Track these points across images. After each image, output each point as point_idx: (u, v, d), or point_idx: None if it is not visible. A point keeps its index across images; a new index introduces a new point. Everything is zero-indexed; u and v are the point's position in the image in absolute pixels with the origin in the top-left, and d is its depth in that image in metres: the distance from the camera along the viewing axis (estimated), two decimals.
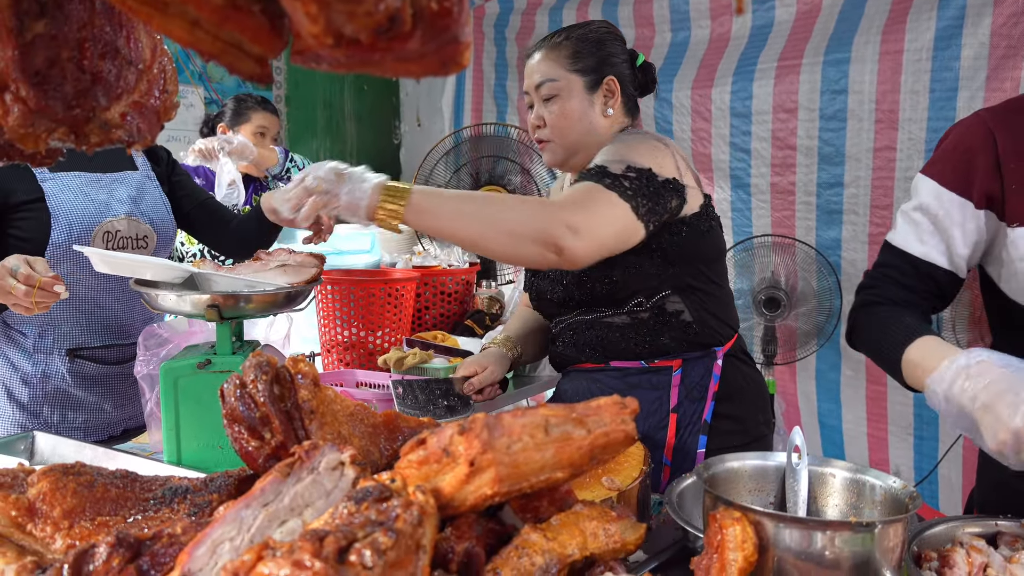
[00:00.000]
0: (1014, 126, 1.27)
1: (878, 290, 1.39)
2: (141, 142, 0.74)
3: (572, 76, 1.65)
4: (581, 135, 1.67)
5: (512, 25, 4.15)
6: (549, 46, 1.68)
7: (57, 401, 1.89)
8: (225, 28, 0.51)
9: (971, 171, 1.29)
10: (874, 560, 0.85)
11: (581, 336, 1.67)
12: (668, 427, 1.60)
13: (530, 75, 1.70)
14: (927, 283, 1.36)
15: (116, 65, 0.69)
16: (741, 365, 1.70)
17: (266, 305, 1.46)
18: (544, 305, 1.78)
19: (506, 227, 1.37)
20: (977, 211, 1.30)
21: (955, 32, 2.83)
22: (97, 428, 1.94)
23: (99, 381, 1.93)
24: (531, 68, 1.70)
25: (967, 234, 1.31)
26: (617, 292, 1.59)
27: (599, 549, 0.85)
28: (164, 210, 2.00)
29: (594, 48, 1.68)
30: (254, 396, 0.87)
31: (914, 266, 1.36)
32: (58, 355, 1.87)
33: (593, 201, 1.43)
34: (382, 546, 0.62)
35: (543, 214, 1.39)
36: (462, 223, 1.37)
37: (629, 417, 0.88)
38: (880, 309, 1.36)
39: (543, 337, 1.89)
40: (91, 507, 0.77)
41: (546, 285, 1.72)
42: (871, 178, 3.08)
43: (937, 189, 1.33)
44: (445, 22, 0.51)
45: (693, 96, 3.46)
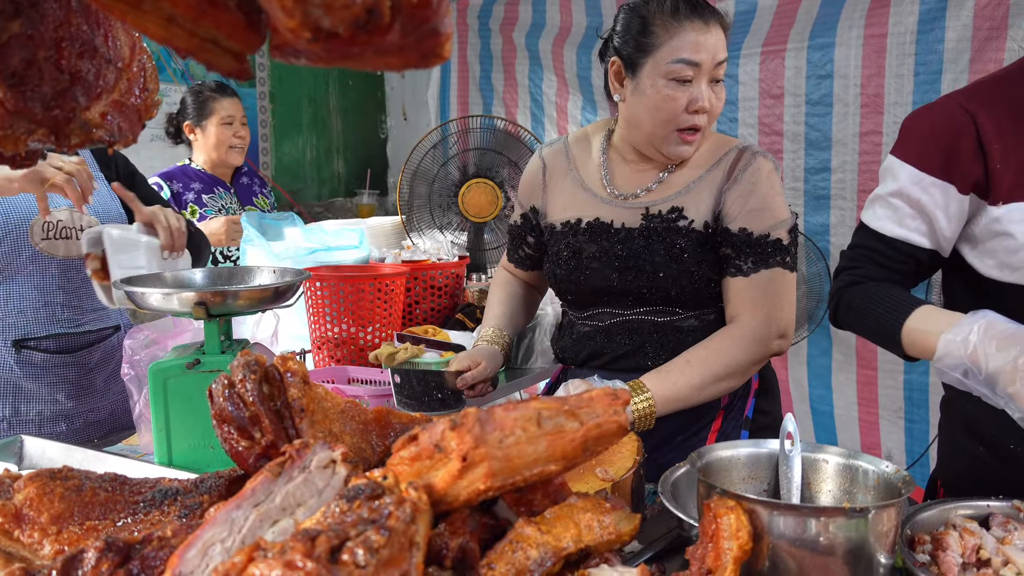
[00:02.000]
0: (992, 107, 1.27)
1: (859, 270, 1.40)
2: (123, 141, 0.73)
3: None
4: None
5: (496, 16, 4.13)
6: (718, 21, 1.51)
7: (7, 394, 1.87)
8: (201, 24, 0.50)
9: (954, 156, 1.29)
10: (868, 545, 0.85)
11: (647, 339, 1.60)
12: (715, 423, 1.62)
13: (709, 49, 1.47)
14: (907, 263, 1.37)
15: (95, 64, 0.68)
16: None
17: (254, 301, 1.45)
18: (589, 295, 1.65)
19: (735, 375, 1.51)
20: (961, 195, 1.30)
21: (938, 15, 2.84)
22: (52, 419, 1.92)
23: (49, 371, 1.91)
24: (711, 41, 1.48)
25: (951, 217, 1.31)
26: (713, 293, 1.58)
27: (594, 541, 0.85)
28: (113, 205, 1.98)
29: None
30: (243, 396, 0.87)
31: (894, 248, 1.37)
32: (4, 347, 1.86)
33: (785, 296, 1.53)
34: (375, 544, 0.61)
35: (748, 350, 1.50)
36: (707, 393, 1.50)
37: (621, 408, 0.88)
38: (866, 286, 1.37)
39: (528, 303, 1.89)
40: (79, 511, 0.76)
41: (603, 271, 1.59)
42: (858, 162, 3.09)
43: (917, 175, 1.32)
44: (424, 14, 0.50)
45: None
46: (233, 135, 3.03)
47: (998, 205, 1.27)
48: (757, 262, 1.51)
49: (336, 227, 2.67)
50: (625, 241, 1.58)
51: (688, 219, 1.55)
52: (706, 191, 1.55)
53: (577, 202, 1.67)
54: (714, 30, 1.49)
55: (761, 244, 1.51)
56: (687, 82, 1.48)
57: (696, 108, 1.48)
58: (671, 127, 1.51)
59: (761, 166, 1.54)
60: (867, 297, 1.36)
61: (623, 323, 1.62)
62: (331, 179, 4.76)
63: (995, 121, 1.27)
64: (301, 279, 1.52)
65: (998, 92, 1.30)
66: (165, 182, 2.97)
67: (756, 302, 1.51)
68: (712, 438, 1.60)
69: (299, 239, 2.48)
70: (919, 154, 1.33)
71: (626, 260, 1.56)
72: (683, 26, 1.47)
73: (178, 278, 1.58)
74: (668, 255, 1.54)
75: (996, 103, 1.28)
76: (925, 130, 1.34)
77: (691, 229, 1.55)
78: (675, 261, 1.54)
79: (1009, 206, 1.26)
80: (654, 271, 1.55)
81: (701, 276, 1.55)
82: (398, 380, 1.63)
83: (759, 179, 1.53)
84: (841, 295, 1.43)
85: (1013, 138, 1.26)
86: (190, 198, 3.00)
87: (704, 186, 1.56)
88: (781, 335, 1.52)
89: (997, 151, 1.26)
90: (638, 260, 1.55)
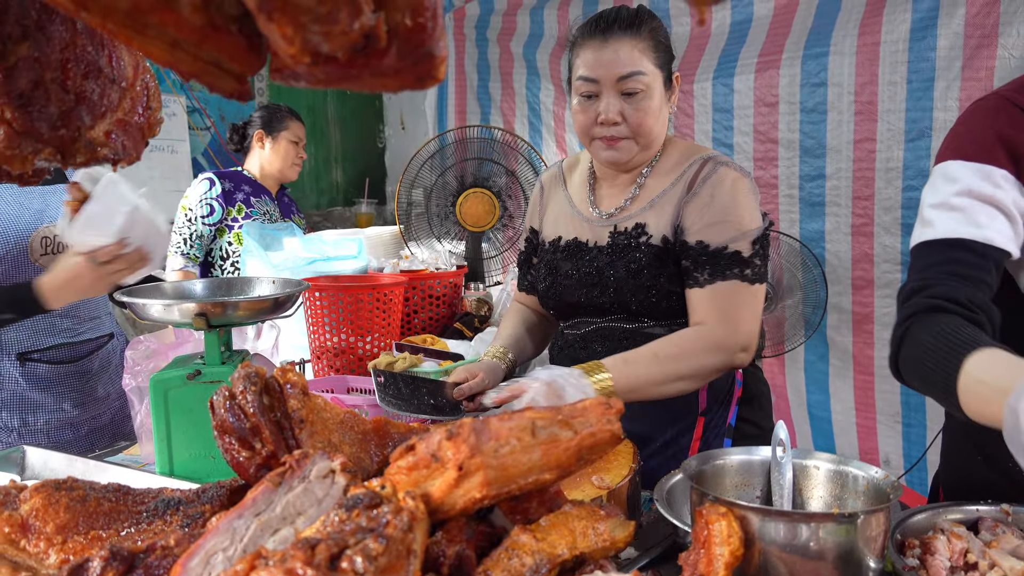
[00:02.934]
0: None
1: (936, 289, 1.14)
2: (126, 159, 0.75)
3: (656, 71, 1.53)
4: (658, 134, 1.58)
5: (493, 26, 4.16)
6: (630, 34, 1.51)
7: (15, 406, 1.91)
8: (204, 48, 0.52)
9: (1015, 148, 1.17)
10: (857, 549, 0.87)
11: (618, 344, 1.62)
12: (695, 430, 1.63)
13: (605, 64, 1.50)
14: (991, 273, 1.14)
15: (99, 84, 0.70)
16: (753, 370, 1.75)
17: (254, 312, 1.46)
18: (565, 308, 1.72)
19: (696, 378, 1.48)
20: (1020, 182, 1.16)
21: (930, 23, 2.87)
22: (60, 428, 1.96)
23: (55, 381, 1.96)
24: (607, 56, 1.50)
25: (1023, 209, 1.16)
26: (677, 306, 1.58)
27: (589, 548, 0.87)
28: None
29: (668, 42, 1.58)
30: (244, 407, 0.88)
31: (976, 253, 1.14)
32: (8, 360, 1.89)
33: (746, 308, 1.50)
34: (373, 552, 0.63)
35: (715, 356, 1.47)
36: (665, 390, 1.47)
37: (615, 417, 0.89)
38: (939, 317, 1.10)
39: (538, 334, 1.89)
40: (84, 521, 0.78)
41: (574, 288, 1.65)
42: (852, 169, 3.11)
43: (983, 169, 1.17)
44: (420, 38, 0.52)
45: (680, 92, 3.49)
46: (297, 154, 3.24)
47: None
48: (713, 274, 1.50)
49: (335, 237, 2.69)
50: (595, 259, 1.63)
51: (648, 235, 1.58)
52: (668, 205, 1.57)
53: (563, 222, 1.75)
54: (614, 45, 1.50)
55: (718, 256, 1.50)
56: (593, 97, 1.54)
57: (602, 121, 1.53)
58: (588, 139, 1.59)
59: (723, 177, 1.53)
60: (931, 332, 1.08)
61: (597, 330, 1.66)
62: (329, 188, 4.78)
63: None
64: (300, 290, 1.54)
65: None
66: (218, 179, 3.08)
67: (716, 312, 1.49)
68: (695, 446, 1.62)
69: (298, 249, 2.49)
70: (980, 149, 1.19)
71: (592, 277, 1.62)
72: (584, 45, 1.55)
73: (178, 289, 1.59)
74: (626, 271, 1.58)
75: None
76: (978, 125, 1.22)
77: (649, 244, 1.57)
78: (633, 276, 1.57)
79: None
80: (616, 286, 1.59)
81: (660, 290, 1.56)
82: (382, 380, 1.62)
83: (719, 191, 1.52)
84: (913, 323, 1.15)
85: None
86: (240, 197, 3.11)
87: (667, 200, 1.58)
88: (743, 348, 1.49)
89: None
90: (602, 276, 1.60)
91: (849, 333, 3.22)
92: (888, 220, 3.04)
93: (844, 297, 3.20)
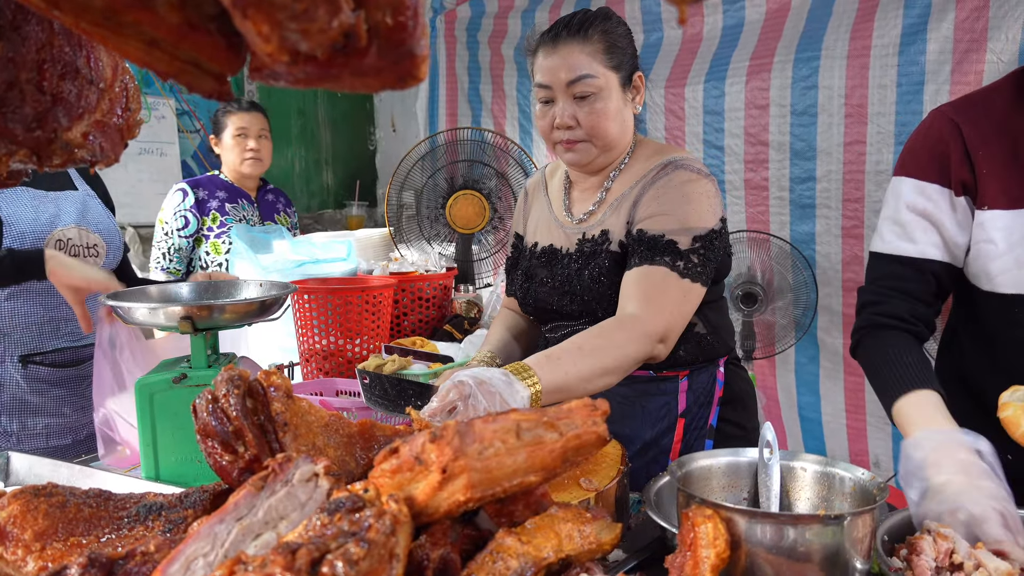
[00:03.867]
0: (975, 118, 1.33)
1: (882, 306, 1.38)
2: (104, 161, 0.74)
3: (609, 73, 1.54)
4: (616, 136, 1.58)
5: (484, 29, 4.16)
6: (580, 39, 1.53)
7: (15, 409, 1.92)
8: (182, 47, 0.51)
9: (946, 161, 1.34)
10: (844, 551, 0.87)
11: None
12: (675, 432, 1.62)
13: (555, 70, 1.53)
14: (928, 283, 1.36)
15: (76, 85, 0.69)
16: (737, 370, 1.74)
17: (240, 315, 1.46)
18: (542, 313, 1.73)
19: (620, 370, 1.40)
20: (958, 198, 1.34)
21: (920, 28, 2.88)
22: (59, 433, 1.97)
23: (55, 385, 1.98)
24: (556, 62, 1.53)
25: (958, 223, 1.34)
26: None
27: (575, 550, 0.86)
28: (110, 223, 2.09)
29: (626, 42, 1.58)
30: (226, 410, 0.87)
31: (913, 267, 1.36)
32: (11, 363, 1.89)
33: (670, 300, 1.45)
34: (354, 556, 0.62)
35: (638, 343, 1.40)
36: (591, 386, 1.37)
37: (600, 419, 0.89)
38: (885, 340, 1.35)
39: (525, 339, 1.88)
40: (63, 528, 0.77)
41: (548, 295, 1.66)
42: (842, 172, 3.12)
43: (919, 185, 1.36)
44: (401, 37, 0.51)
45: (667, 95, 3.49)
46: (245, 147, 3.03)
47: (983, 209, 1.31)
48: (643, 258, 1.48)
49: (324, 239, 2.68)
50: (566, 266, 1.64)
51: (610, 241, 1.58)
52: (624, 209, 1.58)
53: (542, 228, 1.76)
54: (563, 50, 1.53)
55: (652, 242, 1.48)
56: (550, 102, 1.57)
57: (557, 125, 1.56)
58: (551, 144, 1.62)
59: (673, 177, 1.53)
60: (881, 354, 1.34)
61: (572, 333, 1.62)
62: (320, 191, 4.77)
63: (978, 131, 1.32)
64: (287, 292, 1.53)
65: (981, 105, 1.35)
66: (192, 189, 3.03)
67: (639, 296, 1.45)
68: (676, 448, 1.61)
69: (287, 252, 2.49)
70: (916, 165, 1.37)
71: (564, 285, 1.63)
72: (538, 52, 1.58)
73: (164, 292, 1.59)
74: (590, 278, 1.58)
75: (979, 115, 1.33)
76: (919, 143, 1.39)
77: (609, 251, 1.58)
78: (595, 283, 1.57)
79: (993, 212, 1.31)
80: (582, 294, 1.60)
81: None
82: (367, 381, 1.61)
83: (668, 189, 1.52)
84: (861, 338, 1.41)
85: (994, 147, 1.30)
86: (214, 206, 3.06)
87: (625, 204, 1.58)
88: (661, 338, 1.43)
89: (981, 158, 1.31)
90: (571, 284, 1.61)
91: (839, 335, 3.23)
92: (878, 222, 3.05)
93: (834, 299, 3.21)
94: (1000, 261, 1.30)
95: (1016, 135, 1.30)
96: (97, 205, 2.08)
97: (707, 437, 1.63)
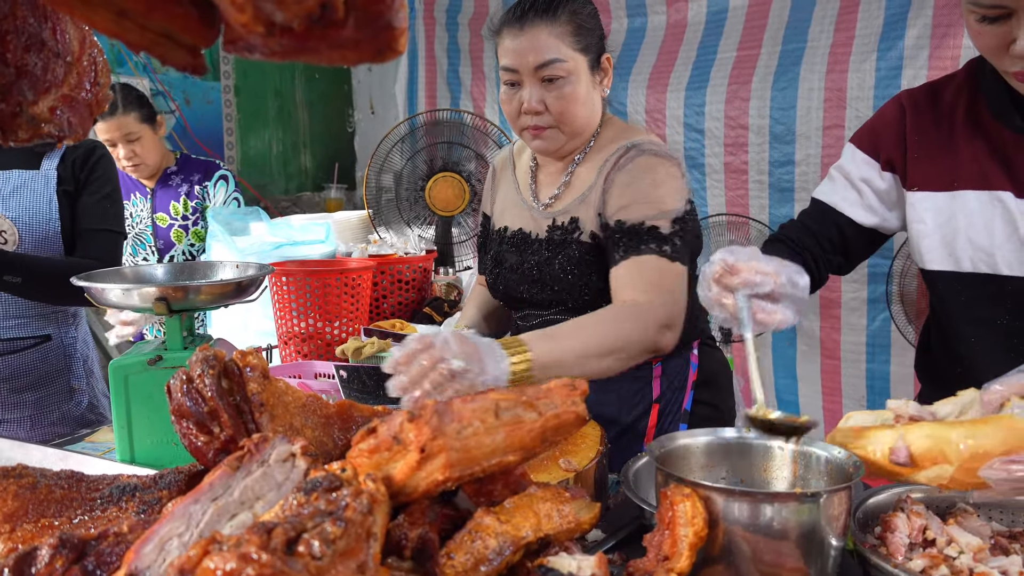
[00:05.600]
0: (924, 104, 1.43)
1: (784, 231, 1.56)
2: (72, 136, 0.72)
3: (578, 56, 1.50)
4: (585, 120, 1.55)
5: (465, 11, 4.12)
6: (546, 20, 1.48)
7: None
8: (152, 18, 0.49)
9: (880, 138, 1.47)
10: (820, 528, 0.88)
11: None
12: (650, 417, 1.62)
13: (522, 53, 1.49)
14: (831, 230, 1.50)
15: (42, 58, 0.68)
16: (710, 350, 1.72)
17: (216, 296, 1.44)
18: (512, 301, 1.71)
19: (622, 353, 1.36)
20: (883, 172, 1.46)
21: (901, 17, 2.91)
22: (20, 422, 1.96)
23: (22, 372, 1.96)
24: (523, 45, 1.48)
25: (878, 192, 1.47)
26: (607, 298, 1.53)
27: (553, 530, 0.86)
28: (43, 211, 1.95)
29: (594, 23, 1.54)
30: (201, 391, 0.86)
31: (822, 212, 1.52)
32: None
33: (667, 284, 1.44)
34: (331, 536, 0.62)
35: (644, 331, 1.38)
36: (590, 366, 1.33)
37: (579, 399, 0.89)
38: (772, 244, 1.52)
39: (494, 321, 1.86)
40: (34, 509, 0.76)
41: (517, 282, 1.63)
42: (821, 156, 3.14)
43: (852, 151, 1.51)
44: (379, 8, 0.50)
45: (650, 80, 3.48)
46: (118, 157, 2.73)
47: (913, 191, 1.43)
48: (628, 249, 1.46)
49: (302, 222, 2.65)
50: (537, 252, 1.61)
51: (580, 231, 1.56)
52: (593, 201, 1.55)
53: (510, 210, 1.73)
54: (531, 32, 1.48)
55: (634, 232, 1.47)
56: (516, 85, 1.53)
57: (525, 111, 1.52)
58: (517, 128, 1.58)
59: (638, 163, 1.51)
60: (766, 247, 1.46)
61: (544, 323, 1.63)
62: (298, 173, 4.72)
63: (920, 117, 1.42)
64: (264, 273, 1.52)
65: (934, 92, 1.44)
66: None
67: (634, 286, 1.44)
68: (651, 433, 1.61)
69: (265, 234, 2.46)
70: (860, 136, 1.52)
71: (534, 272, 1.60)
72: (503, 34, 1.53)
73: (139, 273, 1.56)
74: (560, 269, 1.56)
75: (929, 102, 1.43)
76: (872, 117, 1.54)
77: (580, 242, 1.56)
78: (566, 274, 1.56)
79: (923, 193, 1.41)
80: (553, 283, 1.58)
81: (592, 287, 1.55)
82: (344, 375, 1.59)
83: (635, 175, 1.50)
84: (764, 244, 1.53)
85: (931, 134, 1.41)
86: None
87: (592, 193, 1.56)
88: (666, 324, 1.40)
89: (915, 143, 1.42)
90: (542, 272, 1.59)
91: (816, 318, 3.26)
92: None
93: None
94: (929, 240, 1.41)
95: (954, 123, 1.39)
96: (41, 189, 1.95)
97: (681, 421, 1.63)
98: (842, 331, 3.21)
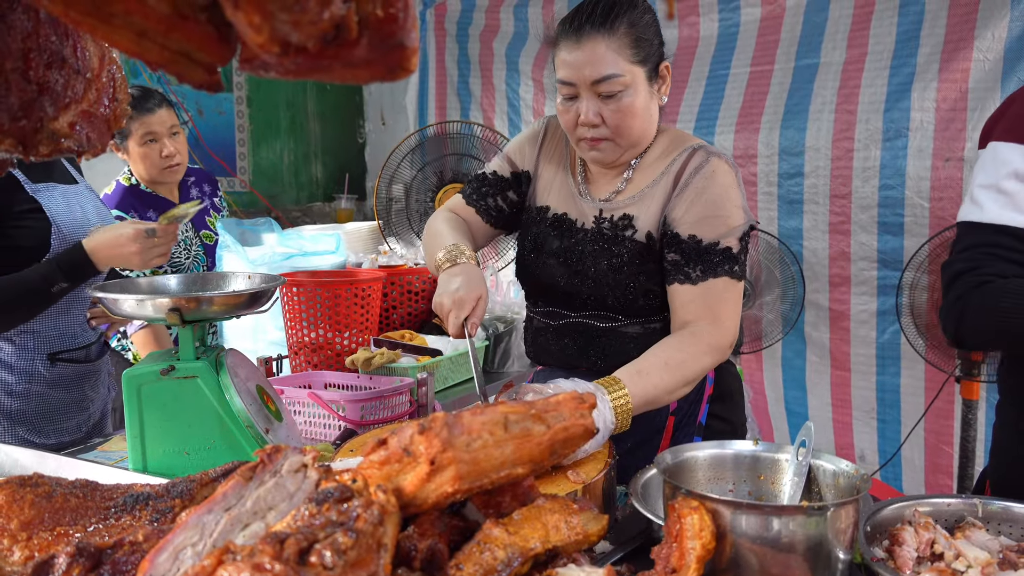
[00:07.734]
0: None
1: (984, 270, 1.22)
2: (91, 151, 0.74)
3: (636, 68, 1.46)
4: (641, 132, 1.53)
5: (476, 23, 4.15)
6: (604, 33, 1.44)
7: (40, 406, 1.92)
8: (172, 37, 0.51)
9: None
10: (827, 541, 0.88)
11: (592, 342, 1.60)
12: (665, 429, 1.62)
13: (579, 67, 1.45)
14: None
15: (63, 75, 0.69)
16: (727, 366, 1.72)
17: (228, 307, 1.45)
18: (540, 289, 1.66)
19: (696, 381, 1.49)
20: None
21: (914, 34, 2.92)
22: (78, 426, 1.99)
23: (78, 381, 1.99)
24: (580, 58, 1.45)
25: None
26: (653, 304, 1.56)
27: (562, 541, 0.87)
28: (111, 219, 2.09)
29: (652, 32, 1.50)
30: None
31: (1020, 238, 1.21)
32: (40, 361, 1.90)
33: (732, 306, 1.50)
34: (342, 546, 0.62)
35: (714, 355, 1.48)
36: (673, 397, 1.47)
37: (588, 411, 0.90)
38: (1006, 283, 1.18)
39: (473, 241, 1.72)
40: (50, 518, 0.77)
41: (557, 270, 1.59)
42: (830, 168, 3.14)
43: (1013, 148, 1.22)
44: (391, 28, 0.51)
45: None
46: (161, 151, 2.49)
47: None
48: (706, 271, 1.47)
49: (313, 232, 2.68)
50: (582, 243, 1.58)
51: (635, 229, 1.54)
52: (656, 199, 1.53)
53: (555, 187, 1.67)
54: (588, 46, 1.44)
55: (710, 252, 1.48)
56: (572, 98, 1.50)
57: (582, 123, 1.50)
58: (574, 138, 1.56)
59: (715, 168, 1.50)
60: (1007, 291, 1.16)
61: (571, 324, 1.62)
62: (309, 184, 4.75)
63: None
64: (275, 284, 1.53)
65: None
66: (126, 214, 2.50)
67: (707, 311, 1.48)
68: (664, 446, 1.60)
69: (276, 244, 2.48)
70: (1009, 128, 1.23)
71: (577, 263, 1.58)
72: (560, 45, 1.49)
73: (153, 284, 1.58)
74: (609, 265, 1.54)
75: None
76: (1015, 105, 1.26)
77: (634, 240, 1.54)
78: (614, 272, 1.54)
79: None
80: (596, 278, 1.56)
81: (639, 288, 1.54)
82: None
83: (710, 183, 1.49)
84: (968, 298, 1.22)
85: None
86: None
87: (656, 193, 1.54)
88: (731, 344, 1.50)
89: None
90: (584, 264, 1.56)
91: (826, 330, 3.25)
92: (865, 218, 3.08)
93: (821, 294, 3.23)
94: None
95: None
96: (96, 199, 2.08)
97: (696, 434, 1.63)
98: (852, 343, 3.21)
